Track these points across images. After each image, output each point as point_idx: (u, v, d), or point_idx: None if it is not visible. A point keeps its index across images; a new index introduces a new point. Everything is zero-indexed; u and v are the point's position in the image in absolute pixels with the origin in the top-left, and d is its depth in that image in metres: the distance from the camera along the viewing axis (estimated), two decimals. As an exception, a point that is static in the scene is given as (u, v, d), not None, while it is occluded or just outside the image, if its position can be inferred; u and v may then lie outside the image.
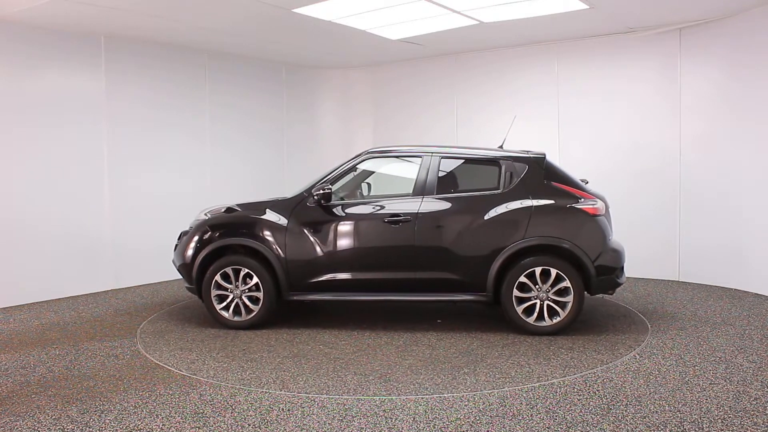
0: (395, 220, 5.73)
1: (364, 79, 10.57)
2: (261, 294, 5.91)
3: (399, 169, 6.59)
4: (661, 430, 3.58)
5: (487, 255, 5.58)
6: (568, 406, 3.96)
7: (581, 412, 3.86)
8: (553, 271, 5.47)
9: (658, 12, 7.17)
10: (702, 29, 7.55)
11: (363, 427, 3.69)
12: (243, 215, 6.08)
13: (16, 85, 7.10)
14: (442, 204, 5.74)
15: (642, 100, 8.11)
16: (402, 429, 3.66)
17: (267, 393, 4.27)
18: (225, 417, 3.86)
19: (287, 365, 4.91)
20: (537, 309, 5.53)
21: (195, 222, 6.26)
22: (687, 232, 7.85)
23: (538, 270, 5.49)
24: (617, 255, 5.64)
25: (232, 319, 5.99)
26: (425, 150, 6.01)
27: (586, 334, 5.57)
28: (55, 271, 7.46)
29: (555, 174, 5.72)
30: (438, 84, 9.67)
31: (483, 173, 5.93)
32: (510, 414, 3.85)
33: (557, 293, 5.50)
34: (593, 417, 3.78)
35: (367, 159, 6.10)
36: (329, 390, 4.32)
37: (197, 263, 6.00)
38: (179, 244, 6.28)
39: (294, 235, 5.87)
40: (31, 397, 4.25)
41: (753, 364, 4.71)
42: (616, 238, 5.92)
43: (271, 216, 5.96)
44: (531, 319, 5.54)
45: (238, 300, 5.98)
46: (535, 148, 6.32)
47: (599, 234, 5.55)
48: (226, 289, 6.00)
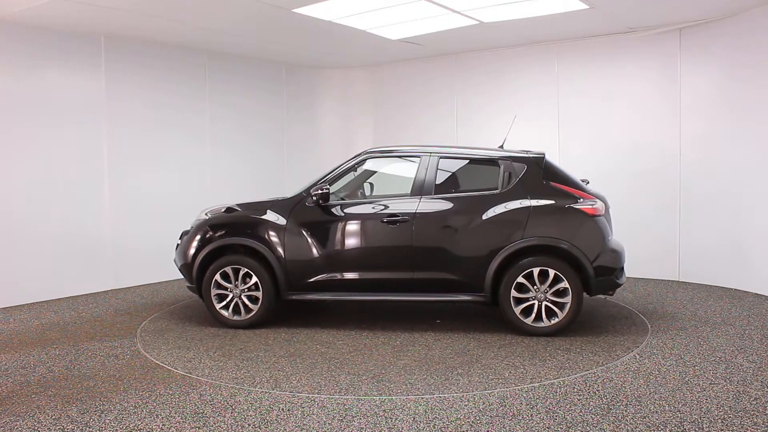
0: (393, 220, 5.73)
1: (364, 79, 10.57)
2: (260, 293, 5.93)
3: (398, 169, 6.60)
4: (661, 430, 3.58)
5: (485, 255, 5.56)
6: (568, 406, 3.96)
7: (581, 412, 3.86)
8: (552, 272, 5.44)
9: (658, 12, 7.17)
10: (702, 29, 7.55)
11: (363, 427, 3.69)
12: (242, 215, 6.10)
13: (16, 85, 7.10)
14: (440, 204, 5.74)
15: (642, 100, 8.11)
16: (402, 429, 3.66)
17: (267, 393, 4.27)
18: (225, 417, 3.86)
19: (282, 364, 4.92)
20: (535, 310, 5.51)
21: (195, 222, 6.29)
22: (687, 231, 7.85)
23: (536, 270, 5.47)
24: (617, 255, 5.60)
25: (231, 318, 6.01)
26: (424, 150, 6.00)
27: (584, 335, 5.56)
28: (55, 271, 7.46)
29: (554, 174, 5.69)
30: (438, 84, 9.67)
31: (482, 173, 5.93)
32: (510, 414, 3.85)
33: (555, 294, 5.47)
34: (593, 417, 3.78)
35: (366, 159, 6.12)
36: (321, 389, 4.33)
37: (197, 263, 6.03)
38: (180, 243, 6.31)
39: (293, 235, 5.88)
40: (31, 397, 4.25)
41: (753, 364, 4.71)
42: (616, 238, 5.92)
43: (271, 216, 5.97)
44: (529, 320, 5.52)
45: (237, 299, 6.00)
46: (535, 148, 6.32)
47: (598, 234, 5.52)
48: (225, 289, 6.02)
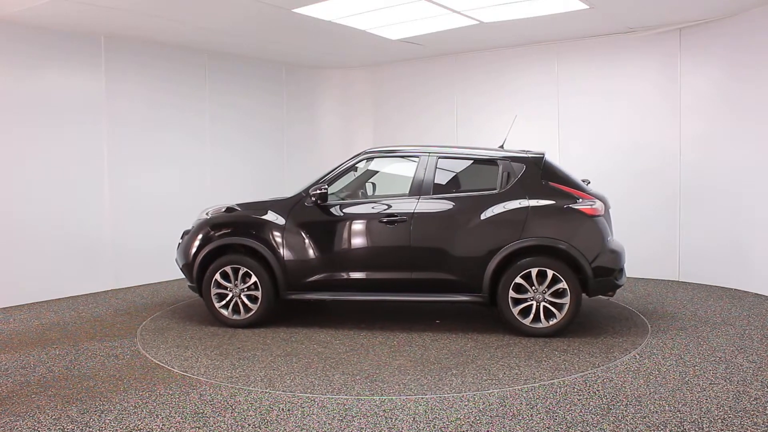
0: (391, 220, 5.73)
1: (364, 79, 10.57)
2: (259, 293, 5.94)
3: (397, 169, 6.60)
4: (661, 430, 3.58)
5: (483, 256, 5.54)
6: (568, 406, 3.96)
7: (581, 412, 3.86)
8: (550, 272, 5.41)
9: (658, 12, 7.17)
10: (702, 29, 7.55)
11: (363, 427, 3.69)
12: (242, 215, 6.12)
13: (16, 85, 7.10)
14: (438, 204, 5.73)
15: (642, 99, 8.11)
16: (402, 429, 3.66)
17: (267, 393, 4.27)
18: (225, 417, 3.86)
19: (278, 364, 4.93)
20: (533, 310, 5.48)
21: (196, 221, 6.31)
22: (687, 231, 7.85)
23: (534, 271, 5.44)
24: (616, 256, 5.56)
25: (231, 318, 6.03)
26: (423, 150, 6.00)
27: (583, 335, 5.55)
28: (55, 271, 7.45)
29: (553, 174, 5.66)
30: (438, 84, 9.67)
31: (480, 173, 5.92)
32: (510, 414, 3.85)
33: (554, 295, 5.44)
34: (593, 417, 3.78)
35: (365, 159, 6.12)
36: (314, 389, 4.34)
37: (198, 262, 6.06)
38: (181, 243, 6.35)
39: (291, 235, 5.89)
40: (31, 397, 4.25)
41: (753, 364, 4.71)
42: (616, 238, 5.91)
43: (270, 216, 5.98)
44: (527, 321, 5.49)
45: (237, 298, 6.02)
46: (536, 148, 6.31)
47: (597, 235, 5.49)
48: (225, 288, 6.04)
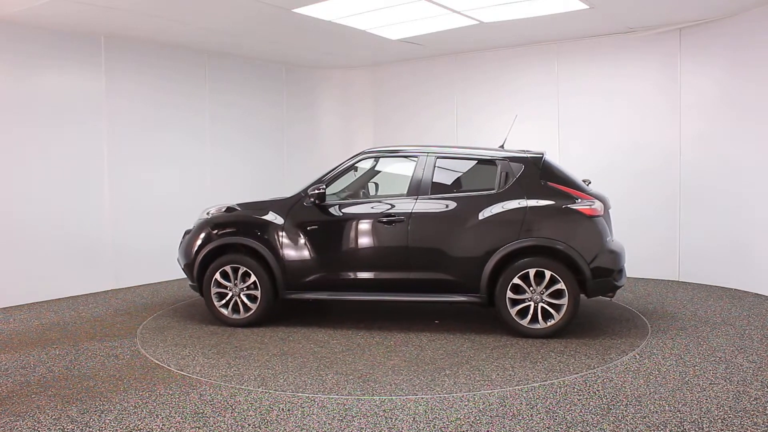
0: (388, 220, 5.72)
1: (364, 79, 10.57)
2: (259, 292, 5.96)
3: (395, 169, 6.60)
4: (661, 430, 3.58)
5: (481, 256, 5.52)
6: (568, 406, 3.96)
7: (581, 412, 3.86)
8: (548, 273, 5.38)
9: (658, 12, 7.17)
10: (702, 29, 7.55)
11: (363, 427, 3.69)
12: (242, 215, 6.15)
13: (16, 85, 7.10)
14: (436, 204, 5.72)
15: (642, 99, 8.10)
16: (402, 429, 3.66)
17: (267, 393, 4.27)
18: (225, 417, 3.86)
19: (273, 363, 4.94)
20: (531, 311, 5.45)
21: (197, 221, 6.34)
22: (687, 231, 7.85)
23: (532, 272, 5.41)
24: (615, 257, 5.52)
25: (231, 317, 6.06)
26: (421, 150, 5.99)
27: (581, 336, 5.53)
28: (55, 271, 7.45)
29: (552, 174, 5.63)
30: (438, 84, 9.67)
31: (479, 173, 5.92)
32: (510, 414, 3.85)
33: (552, 295, 5.41)
34: (593, 417, 3.78)
35: (364, 159, 6.12)
36: (306, 388, 4.35)
37: (198, 261, 6.09)
38: (182, 242, 6.38)
39: (290, 235, 5.91)
40: (31, 397, 4.25)
41: (753, 364, 4.71)
42: (617, 239, 5.90)
43: (269, 216, 6.01)
44: (525, 322, 5.45)
45: (236, 298, 6.04)
46: (536, 147, 6.30)
47: (596, 235, 5.45)
48: (225, 287, 6.06)
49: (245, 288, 6.01)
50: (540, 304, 5.43)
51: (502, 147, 6.21)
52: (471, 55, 9.33)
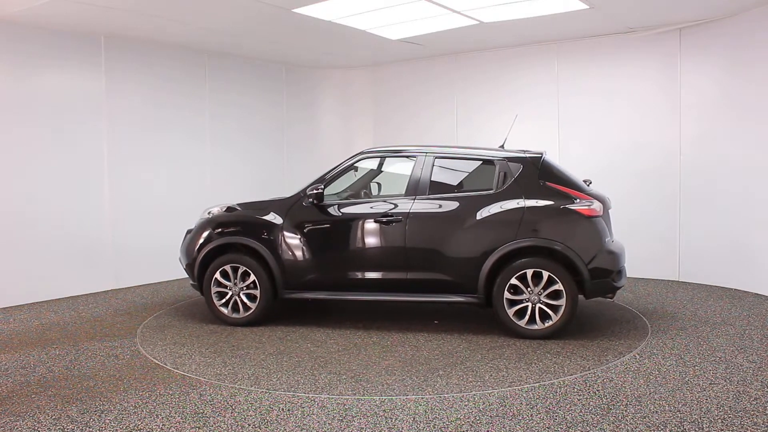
0: (386, 220, 5.72)
1: (364, 79, 10.57)
2: (258, 292, 5.97)
3: (394, 169, 6.60)
4: (661, 430, 3.58)
5: (478, 256, 5.50)
6: (568, 406, 3.96)
7: (581, 412, 3.86)
8: (545, 274, 5.34)
9: (658, 12, 7.17)
10: (702, 29, 7.55)
11: (363, 427, 3.69)
12: (242, 214, 6.18)
13: (16, 85, 7.10)
14: (433, 204, 5.71)
15: (642, 99, 8.10)
16: (402, 429, 3.66)
17: (267, 393, 4.27)
18: (225, 417, 3.86)
19: (268, 362, 4.95)
20: (529, 312, 5.42)
21: (198, 220, 6.37)
22: (687, 231, 7.85)
23: (529, 272, 5.38)
24: (614, 257, 5.48)
25: (230, 316, 6.08)
26: (420, 150, 5.99)
27: (579, 337, 5.49)
28: (55, 271, 7.45)
29: (551, 174, 5.60)
30: (438, 84, 9.67)
31: (477, 173, 5.91)
32: (510, 414, 3.85)
33: (550, 296, 5.38)
34: (593, 417, 3.78)
35: (363, 159, 6.13)
36: (297, 388, 4.35)
37: (199, 261, 6.12)
38: (183, 242, 6.41)
39: (289, 235, 5.93)
40: (31, 397, 4.25)
41: (753, 364, 4.71)
42: (617, 239, 5.88)
43: (269, 215, 6.03)
44: (522, 322, 5.42)
45: (236, 297, 6.06)
46: (536, 147, 6.30)
47: (594, 236, 5.41)
48: (225, 287, 6.09)
49: (245, 287, 6.03)
50: (538, 304, 5.40)
51: (502, 147, 6.20)
52: (471, 55, 9.33)
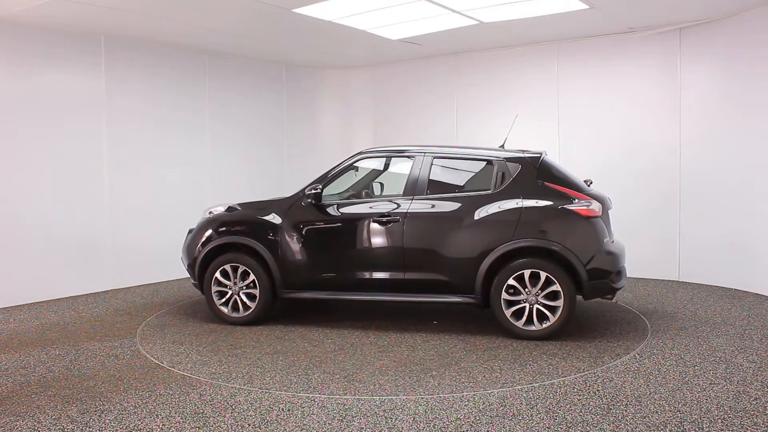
0: (384, 220, 5.72)
1: (363, 79, 10.57)
2: (257, 291, 5.99)
3: (393, 169, 6.60)
4: (661, 430, 3.58)
5: (476, 257, 5.47)
6: (568, 406, 3.96)
7: (581, 412, 3.86)
8: (543, 274, 5.31)
9: (658, 12, 7.16)
10: (702, 29, 7.55)
11: (363, 427, 3.69)
12: (242, 214, 6.22)
13: (16, 85, 7.10)
14: (431, 204, 5.70)
15: (642, 99, 8.10)
16: (402, 429, 3.66)
17: (267, 393, 4.27)
18: (225, 417, 3.86)
19: (263, 361, 4.96)
20: (526, 313, 5.39)
21: (199, 220, 6.41)
22: (687, 231, 7.85)
23: (527, 273, 5.34)
24: (613, 258, 5.43)
25: (230, 315, 6.11)
26: (418, 150, 5.98)
27: (577, 338, 5.45)
28: (55, 271, 7.45)
29: (550, 174, 5.58)
30: (438, 84, 9.67)
31: (476, 173, 5.90)
32: (510, 414, 3.85)
33: (547, 297, 5.34)
34: (593, 417, 3.78)
35: (361, 159, 6.13)
36: (290, 387, 4.37)
37: (199, 260, 6.15)
38: (184, 241, 6.45)
39: (288, 234, 5.94)
40: (31, 397, 4.25)
41: (753, 364, 4.71)
42: (617, 239, 5.87)
43: (268, 215, 6.05)
44: (520, 323, 5.38)
45: (236, 296, 6.08)
46: (537, 147, 6.29)
47: (593, 236, 5.37)
48: (225, 286, 6.11)
49: (244, 287, 6.04)
50: (535, 305, 5.37)
51: (502, 147, 6.20)
52: (471, 55, 9.33)
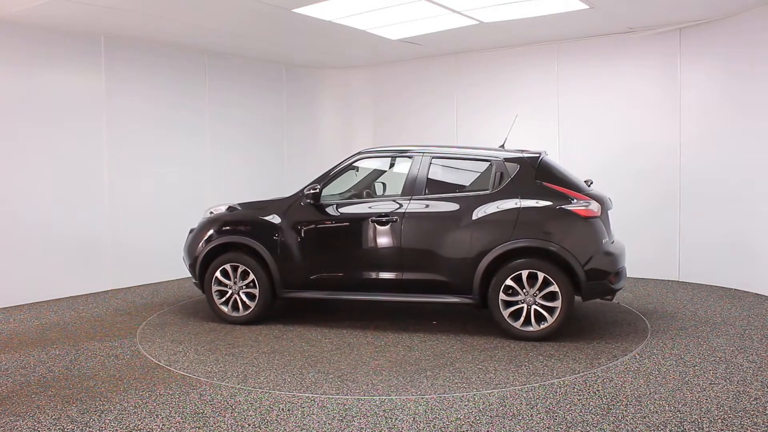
0: (381, 220, 5.72)
1: (363, 79, 10.57)
2: (257, 291, 6.00)
3: (393, 169, 6.60)
4: (661, 430, 3.58)
5: (474, 257, 5.46)
6: (568, 406, 3.96)
7: (581, 412, 3.86)
8: (541, 275, 5.29)
9: (658, 12, 7.16)
10: (702, 29, 7.55)
11: (363, 427, 3.69)
12: (241, 214, 6.24)
13: (16, 85, 7.09)
14: (429, 204, 5.70)
15: (642, 99, 8.10)
16: (402, 429, 3.66)
17: (267, 393, 4.27)
18: (225, 417, 3.86)
19: (259, 361, 4.97)
20: (524, 313, 5.37)
21: (201, 220, 6.43)
22: (687, 231, 7.85)
23: (524, 273, 5.32)
24: (612, 259, 5.40)
25: (230, 315, 6.13)
26: (417, 150, 5.97)
27: (575, 339, 5.42)
28: (55, 271, 7.45)
29: (549, 174, 5.55)
30: (438, 84, 9.67)
31: (474, 173, 5.89)
32: (510, 414, 3.85)
33: (545, 298, 5.31)
34: (593, 417, 3.78)
35: (360, 159, 6.13)
36: (282, 386, 4.37)
37: (200, 260, 6.17)
38: (186, 241, 6.47)
39: (287, 234, 5.95)
40: (31, 397, 4.25)
41: (753, 364, 4.71)
42: (617, 239, 5.86)
43: (267, 215, 6.07)
44: (518, 324, 5.36)
45: (236, 296, 6.10)
46: (537, 147, 6.29)
47: (591, 237, 5.33)
48: (225, 285, 6.13)
49: (244, 286, 6.06)
50: (533, 306, 5.35)
51: (502, 147, 6.19)
52: (471, 55, 9.33)
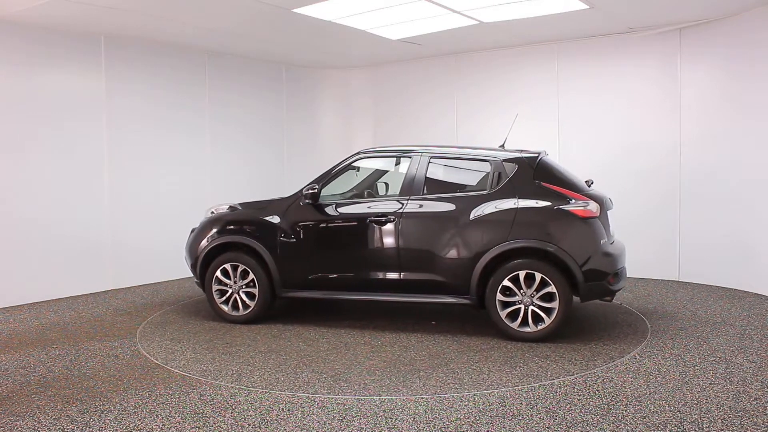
0: (379, 220, 5.72)
1: (363, 79, 10.57)
2: (257, 290, 6.02)
3: (391, 169, 6.60)
4: (661, 430, 3.58)
5: (471, 257, 5.44)
6: (568, 406, 3.96)
7: (581, 412, 3.86)
8: (538, 276, 5.27)
9: (658, 12, 7.16)
10: (702, 29, 7.55)
11: (363, 427, 3.69)
12: (241, 214, 6.26)
13: (16, 85, 7.09)
14: (427, 204, 5.69)
15: (642, 99, 8.10)
16: (402, 429, 3.66)
17: (267, 393, 4.27)
18: (225, 417, 3.86)
19: (255, 360, 4.98)
20: (521, 314, 5.35)
21: (202, 220, 6.46)
22: (687, 231, 7.85)
23: (522, 274, 5.30)
24: (610, 259, 5.37)
25: (230, 314, 6.16)
26: (415, 150, 5.97)
27: (573, 339, 5.40)
28: (55, 271, 7.45)
29: (548, 174, 5.53)
30: (438, 84, 9.67)
31: (472, 173, 5.89)
32: (510, 414, 3.85)
33: (542, 298, 5.29)
34: (593, 417, 3.78)
35: (359, 159, 6.13)
36: (275, 386, 4.39)
37: (200, 259, 6.20)
38: (187, 240, 6.51)
39: (286, 234, 5.97)
40: (31, 397, 4.25)
41: (753, 364, 4.71)
42: (617, 240, 5.85)
43: (267, 215, 6.09)
44: (515, 325, 5.34)
45: (236, 295, 6.12)
46: (537, 147, 6.29)
47: (589, 237, 5.30)
48: (226, 285, 6.15)
49: (244, 285, 6.08)
50: (530, 307, 5.33)
51: (502, 147, 6.19)
52: (471, 55, 9.33)
